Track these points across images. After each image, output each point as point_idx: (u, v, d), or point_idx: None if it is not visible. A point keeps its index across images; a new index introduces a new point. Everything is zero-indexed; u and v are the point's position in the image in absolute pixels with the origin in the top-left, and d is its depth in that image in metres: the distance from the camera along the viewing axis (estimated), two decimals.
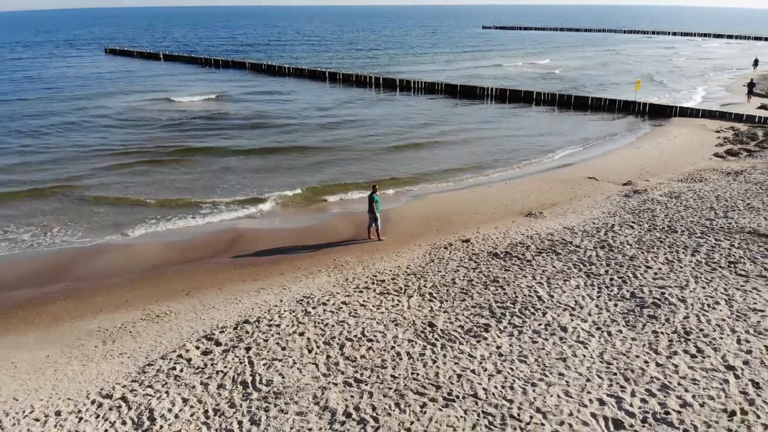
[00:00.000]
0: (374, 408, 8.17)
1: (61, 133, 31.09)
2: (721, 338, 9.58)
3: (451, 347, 9.81)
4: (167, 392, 9.00)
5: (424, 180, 23.22)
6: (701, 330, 9.90)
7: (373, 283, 13.08)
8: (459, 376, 8.85)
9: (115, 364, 10.17)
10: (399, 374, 9.03)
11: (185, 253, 15.91)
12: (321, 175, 23.62)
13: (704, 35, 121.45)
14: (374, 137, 30.72)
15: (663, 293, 11.45)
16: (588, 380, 8.57)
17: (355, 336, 10.43)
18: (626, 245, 14.42)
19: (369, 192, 16.39)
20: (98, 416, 8.52)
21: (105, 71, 59.64)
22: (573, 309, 11.04)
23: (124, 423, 8.30)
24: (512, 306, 11.32)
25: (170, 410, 8.50)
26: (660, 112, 36.59)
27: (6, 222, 18.17)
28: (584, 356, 9.27)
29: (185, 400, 8.73)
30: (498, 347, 9.73)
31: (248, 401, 8.59)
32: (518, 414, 7.83)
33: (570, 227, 16.37)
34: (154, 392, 9.03)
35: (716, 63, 67.99)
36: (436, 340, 10.09)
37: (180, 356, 10.18)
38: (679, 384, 8.33)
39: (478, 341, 9.98)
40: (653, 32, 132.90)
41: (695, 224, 15.76)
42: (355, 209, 19.31)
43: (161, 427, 8.10)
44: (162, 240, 16.98)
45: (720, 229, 15.15)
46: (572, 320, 10.56)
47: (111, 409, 8.66)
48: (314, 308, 11.81)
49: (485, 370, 9.00)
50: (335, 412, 8.13)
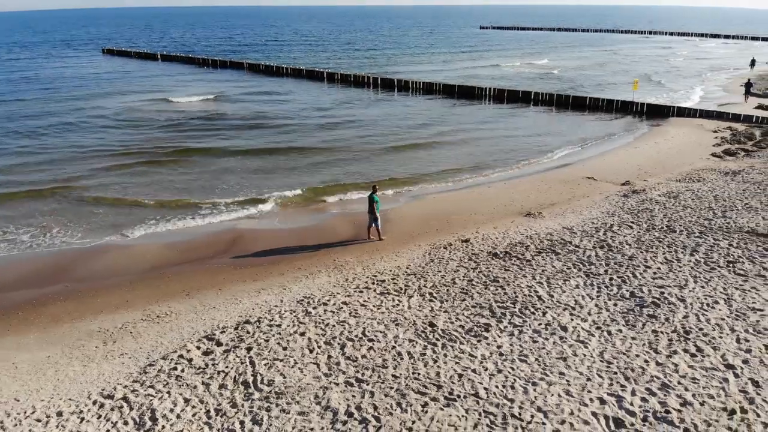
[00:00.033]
0: (376, 407, 8.19)
1: (59, 134, 31.05)
2: (721, 337, 9.63)
3: (452, 347, 9.84)
4: (169, 392, 9.01)
5: (423, 180, 23.25)
6: (701, 329, 9.95)
7: (374, 283, 13.10)
8: (460, 376, 8.88)
9: (116, 365, 10.18)
10: (400, 374, 9.06)
11: (185, 254, 15.91)
12: (320, 176, 23.63)
13: (701, 35, 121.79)
14: (373, 137, 30.76)
15: (662, 293, 11.50)
16: (588, 379, 8.61)
17: (356, 336, 10.45)
18: (625, 245, 14.47)
19: (369, 192, 16.44)
20: (100, 417, 8.53)
21: (102, 71, 59.51)
22: (573, 308, 11.08)
23: (126, 423, 8.30)
24: (512, 306, 11.36)
25: (172, 410, 8.51)
26: (658, 112, 36.69)
27: (5, 223, 18.14)
28: (584, 355, 9.31)
29: (187, 400, 8.74)
30: (498, 347, 9.76)
31: (250, 401, 8.60)
32: (519, 413, 7.86)
33: (569, 227, 16.41)
34: (156, 392, 9.04)
35: (713, 63, 68.17)
36: (437, 340, 10.12)
37: (181, 356, 10.19)
38: (679, 383, 8.37)
39: (479, 341, 10.01)
40: (650, 32, 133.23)
41: (694, 224, 15.82)
42: (355, 209, 19.34)
43: (163, 428, 8.11)
44: (162, 241, 16.97)
45: (718, 229, 15.21)
46: (572, 320, 10.60)
47: (113, 410, 8.67)
48: (315, 308, 11.83)
49: (486, 370, 9.03)
50: (337, 412, 8.15)
